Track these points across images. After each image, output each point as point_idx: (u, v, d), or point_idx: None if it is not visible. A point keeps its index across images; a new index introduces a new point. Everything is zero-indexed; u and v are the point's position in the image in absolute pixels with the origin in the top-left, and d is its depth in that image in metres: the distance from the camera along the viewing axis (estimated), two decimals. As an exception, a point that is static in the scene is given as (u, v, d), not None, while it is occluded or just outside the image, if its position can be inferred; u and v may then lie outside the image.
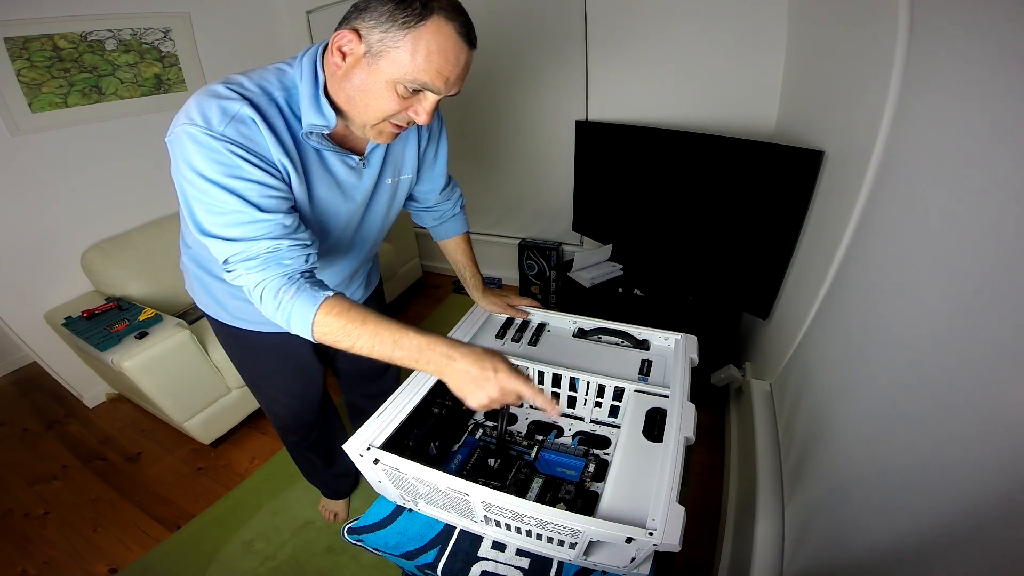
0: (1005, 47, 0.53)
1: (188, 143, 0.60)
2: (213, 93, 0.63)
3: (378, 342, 0.64)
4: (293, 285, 0.64)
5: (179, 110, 0.64)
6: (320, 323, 0.63)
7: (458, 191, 1.05)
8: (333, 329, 0.64)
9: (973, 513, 0.44)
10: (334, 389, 1.27)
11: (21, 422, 1.94)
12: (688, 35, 1.67)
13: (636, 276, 1.87)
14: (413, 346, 0.64)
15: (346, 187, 0.78)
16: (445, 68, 0.62)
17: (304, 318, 0.63)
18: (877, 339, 0.73)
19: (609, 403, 0.82)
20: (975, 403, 0.47)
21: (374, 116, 0.66)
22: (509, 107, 2.20)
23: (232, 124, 0.62)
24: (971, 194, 0.55)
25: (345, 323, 0.63)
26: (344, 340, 0.64)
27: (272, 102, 0.66)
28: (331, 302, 0.64)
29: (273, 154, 0.66)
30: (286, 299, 0.64)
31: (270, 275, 0.64)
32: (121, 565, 1.32)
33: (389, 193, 0.88)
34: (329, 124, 0.68)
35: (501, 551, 0.68)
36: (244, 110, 0.62)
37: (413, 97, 0.65)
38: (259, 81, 0.66)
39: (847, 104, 1.01)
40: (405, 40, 0.59)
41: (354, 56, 0.62)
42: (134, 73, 1.94)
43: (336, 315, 0.63)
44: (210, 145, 0.61)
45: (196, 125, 0.60)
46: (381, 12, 0.59)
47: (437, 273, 2.86)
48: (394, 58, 0.60)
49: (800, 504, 0.86)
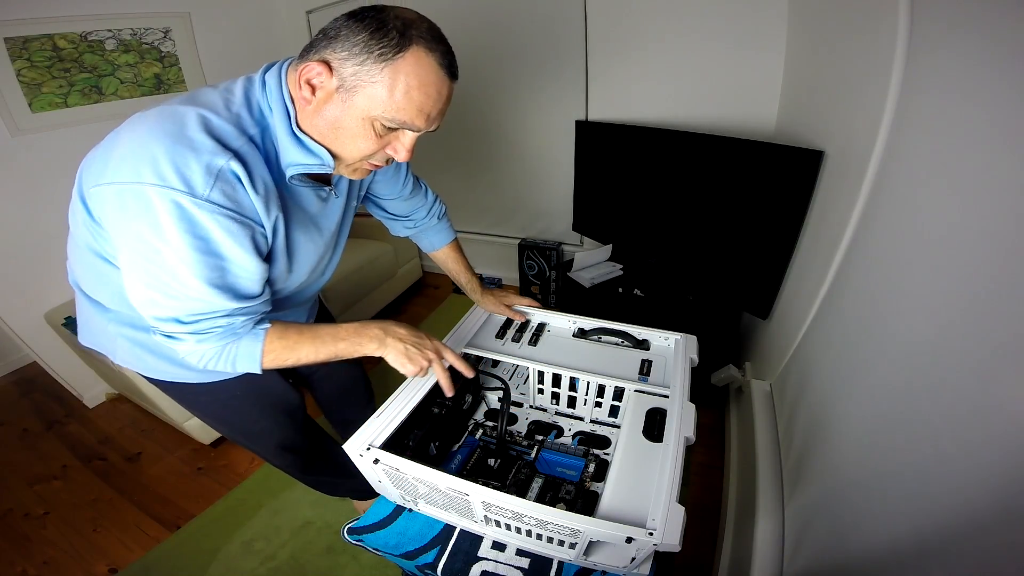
0: (1005, 47, 0.53)
1: (162, 210, 0.50)
2: (187, 141, 0.51)
3: (319, 344, 0.68)
4: (235, 336, 0.64)
5: (125, 140, 0.52)
6: (267, 353, 0.65)
7: (432, 197, 1.00)
8: (278, 352, 0.66)
9: (973, 514, 0.44)
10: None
11: (21, 422, 1.94)
12: (688, 35, 1.67)
13: (636, 276, 1.87)
14: (350, 332, 0.70)
15: (319, 220, 0.73)
16: (426, 104, 0.57)
17: (252, 356, 0.65)
18: (877, 339, 0.73)
19: (609, 403, 0.82)
20: (975, 403, 0.47)
21: (350, 156, 0.61)
22: (509, 107, 2.20)
23: (218, 185, 0.52)
24: (971, 194, 0.55)
25: (286, 343, 0.66)
26: (290, 357, 0.67)
27: (253, 146, 0.57)
28: (271, 332, 0.66)
29: (260, 213, 0.58)
30: (230, 348, 0.63)
31: (218, 344, 0.62)
32: (121, 565, 1.32)
33: (351, 212, 0.84)
34: (325, 162, 0.61)
35: (501, 551, 0.68)
36: (230, 165, 0.53)
37: (391, 134, 0.60)
38: (236, 119, 0.57)
39: (847, 104, 1.01)
40: (382, 74, 0.53)
41: (325, 91, 0.56)
42: (134, 73, 1.94)
43: (277, 339, 0.66)
44: (191, 217, 0.51)
45: (172, 188, 0.49)
46: (355, 42, 0.53)
47: (437, 273, 2.86)
48: (371, 94, 0.54)
49: (800, 504, 0.86)
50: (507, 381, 0.89)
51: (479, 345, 0.91)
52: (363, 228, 2.33)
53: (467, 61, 2.38)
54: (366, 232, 2.36)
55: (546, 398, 0.89)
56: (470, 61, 2.11)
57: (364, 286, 2.22)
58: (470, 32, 2.07)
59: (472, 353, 0.90)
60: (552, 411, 0.90)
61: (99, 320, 0.74)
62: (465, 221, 2.62)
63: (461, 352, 0.88)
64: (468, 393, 0.88)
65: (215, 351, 0.62)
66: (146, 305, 0.58)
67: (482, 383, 0.93)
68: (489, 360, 0.93)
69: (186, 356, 0.63)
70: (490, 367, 0.94)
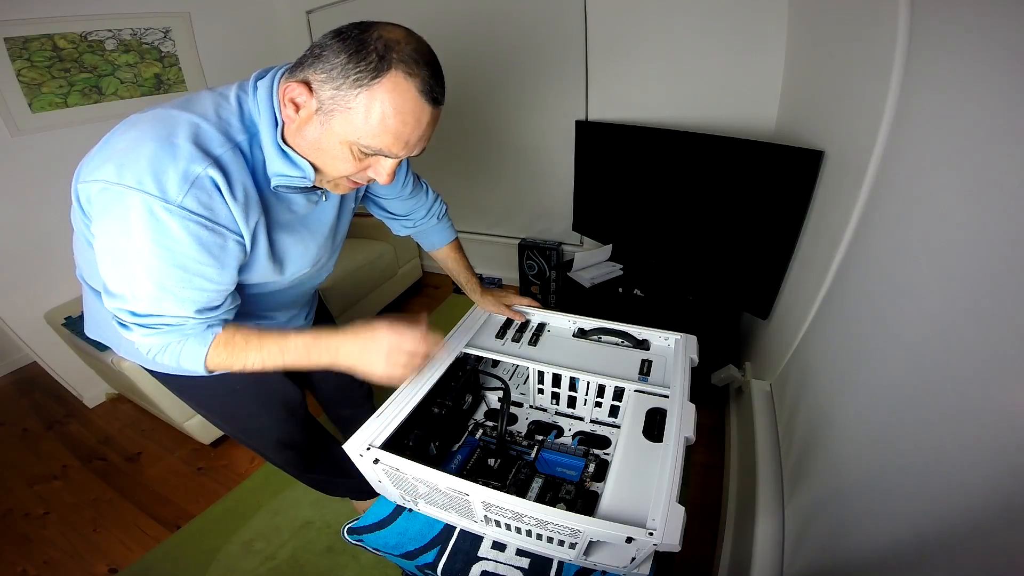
0: (1005, 47, 0.53)
1: (135, 213, 0.51)
2: (169, 147, 0.52)
3: (266, 354, 0.66)
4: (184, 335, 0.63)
5: (116, 142, 0.54)
6: (212, 357, 0.64)
7: (432, 197, 0.99)
8: (223, 357, 0.65)
9: (973, 514, 0.44)
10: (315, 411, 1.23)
11: (21, 422, 1.94)
12: (688, 35, 1.67)
13: (636, 276, 1.87)
14: (300, 347, 0.66)
15: (309, 223, 0.73)
16: (403, 132, 0.55)
17: (196, 358, 0.64)
18: (877, 339, 0.73)
19: (609, 403, 0.82)
20: (975, 404, 0.47)
21: (329, 174, 0.62)
22: (509, 107, 2.20)
23: (192, 192, 0.53)
24: (971, 194, 0.55)
25: (231, 349, 0.65)
26: (236, 363, 0.66)
27: (238, 152, 0.58)
28: (220, 337, 0.65)
29: (238, 222, 0.59)
30: (175, 345, 0.63)
31: (164, 339, 0.62)
32: (121, 565, 1.32)
33: (348, 211, 0.84)
34: (307, 176, 0.61)
35: (501, 551, 0.68)
36: (207, 172, 0.53)
37: (371, 158, 0.60)
38: (224, 125, 0.57)
39: (847, 104, 1.01)
40: (357, 100, 0.52)
41: (306, 111, 0.56)
42: (134, 73, 1.94)
43: (224, 344, 0.65)
44: (160, 223, 0.52)
45: (146, 192, 0.51)
46: (333, 64, 0.52)
47: (437, 273, 2.86)
48: (347, 119, 0.54)
49: (800, 504, 0.86)
50: (507, 381, 0.89)
51: (479, 345, 0.91)
52: (363, 228, 2.33)
53: (467, 62, 2.39)
54: (366, 232, 2.36)
55: (546, 398, 0.89)
56: (470, 61, 2.11)
57: (364, 286, 2.23)
58: (470, 33, 2.07)
59: (472, 353, 0.90)
60: (552, 411, 0.90)
61: (103, 311, 0.76)
62: (465, 221, 2.62)
63: (461, 352, 0.88)
64: (468, 393, 0.88)
65: (161, 345, 0.63)
66: (106, 294, 0.60)
67: (482, 383, 0.93)
68: (489, 360, 0.93)
69: (135, 344, 0.64)
70: (490, 367, 0.94)
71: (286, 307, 0.87)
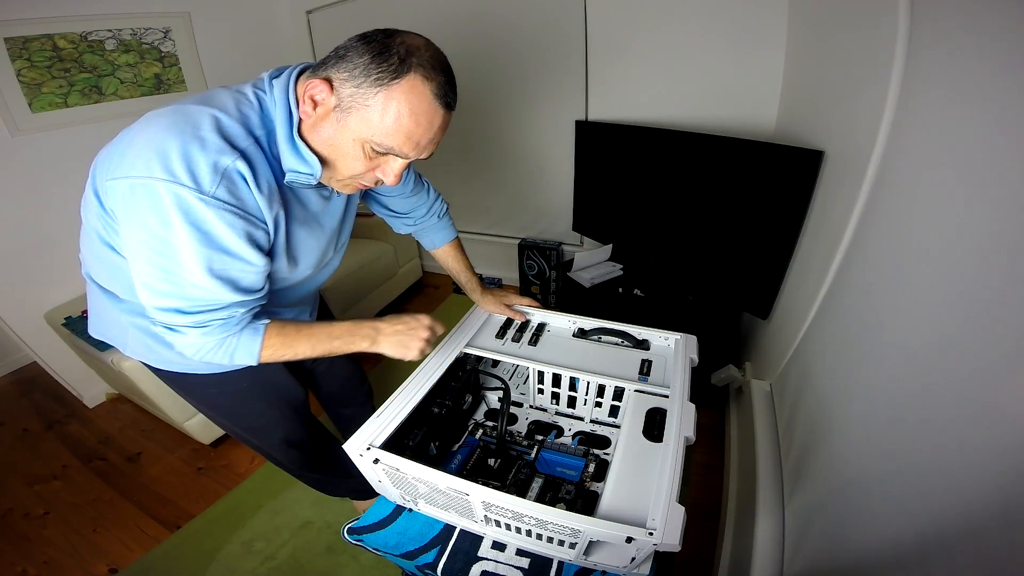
0: (1005, 47, 0.53)
1: (170, 204, 0.53)
2: (198, 140, 0.53)
3: (315, 341, 0.72)
4: (235, 327, 0.66)
5: (139, 137, 0.54)
6: (265, 347, 0.68)
7: (434, 195, 1.01)
8: (276, 347, 0.69)
9: (973, 514, 0.44)
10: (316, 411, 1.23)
11: (21, 422, 1.94)
12: (688, 35, 1.67)
13: (636, 276, 1.87)
14: (344, 332, 0.74)
15: (321, 218, 0.75)
16: (415, 132, 0.58)
17: (251, 349, 0.67)
18: (877, 339, 0.73)
19: (609, 403, 0.82)
20: (975, 404, 0.47)
21: (340, 173, 0.64)
22: (509, 107, 2.20)
23: (223, 183, 0.55)
24: (971, 194, 0.55)
25: (284, 339, 0.69)
26: (287, 352, 0.70)
27: (259, 147, 0.60)
28: (270, 328, 0.69)
29: (263, 211, 0.61)
30: (230, 340, 0.65)
31: (218, 335, 0.64)
32: (121, 565, 1.32)
33: (353, 208, 0.86)
34: (314, 173, 0.63)
35: (501, 551, 0.68)
36: (236, 164, 0.55)
37: (381, 158, 0.62)
38: (244, 119, 0.59)
39: (847, 104, 1.01)
40: (376, 98, 0.55)
41: (324, 108, 0.58)
42: (134, 73, 1.94)
43: (276, 335, 0.69)
44: (197, 213, 0.54)
45: (181, 184, 0.52)
46: (356, 64, 0.55)
47: (437, 273, 2.86)
48: (363, 116, 0.56)
49: (800, 504, 0.86)
50: (507, 381, 0.89)
51: (479, 345, 0.91)
52: (363, 228, 2.32)
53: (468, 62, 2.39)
54: (366, 232, 2.36)
55: (546, 398, 0.89)
56: (471, 62, 2.11)
57: (364, 286, 2.23)
58: (470, 33, 2.07)
59: (472, 353, 0.90)
60: (552, 411, 0.90)
61: (112, 311, 0.77)
62: (465, 221, 2.62)
63: (461, 352, 0.88)
64: (468, 393, 0.88)
65: (215, 343, 0.64)
66: (151, 295, 0.60)
67: (482, 383, 0.93)
68: (489, 360, 0.93)
69: (184, 348, 0.64)
70: (490, 367, 0.94)
71: (293, 304, 0.88)
